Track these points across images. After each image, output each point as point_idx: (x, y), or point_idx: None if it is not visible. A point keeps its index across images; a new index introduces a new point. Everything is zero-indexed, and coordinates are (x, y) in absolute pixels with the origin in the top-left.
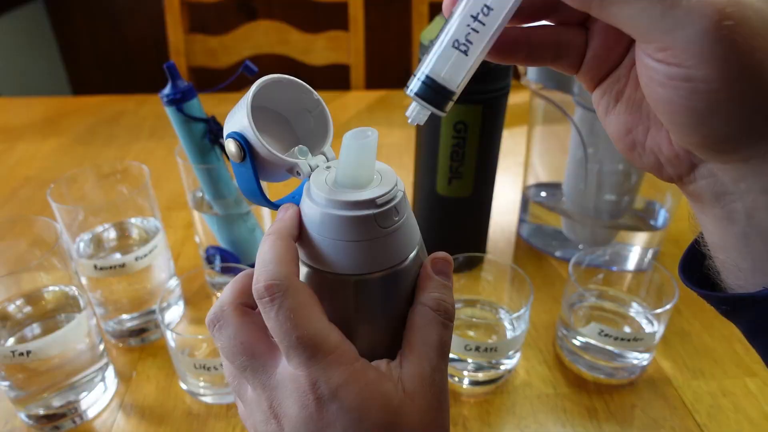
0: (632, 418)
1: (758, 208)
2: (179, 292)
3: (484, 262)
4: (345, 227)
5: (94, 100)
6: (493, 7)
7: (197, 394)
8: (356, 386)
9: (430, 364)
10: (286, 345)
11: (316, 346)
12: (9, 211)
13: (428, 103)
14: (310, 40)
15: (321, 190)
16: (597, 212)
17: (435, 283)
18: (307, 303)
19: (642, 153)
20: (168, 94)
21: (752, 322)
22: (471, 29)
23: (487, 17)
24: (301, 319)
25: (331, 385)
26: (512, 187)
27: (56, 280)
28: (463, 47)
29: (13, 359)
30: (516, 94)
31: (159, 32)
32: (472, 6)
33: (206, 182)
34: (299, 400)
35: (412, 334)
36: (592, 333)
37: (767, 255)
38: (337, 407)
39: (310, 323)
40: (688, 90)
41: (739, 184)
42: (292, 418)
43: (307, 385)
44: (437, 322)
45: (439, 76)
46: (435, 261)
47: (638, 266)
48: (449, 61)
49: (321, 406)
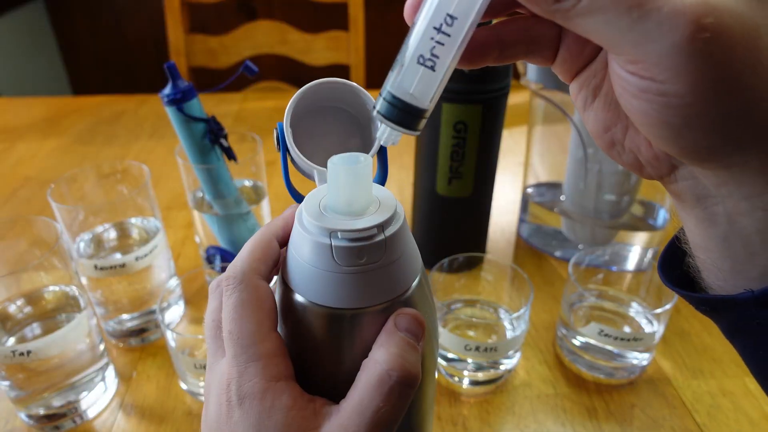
0: (632, 418)
1: (740, 213)
2: (179, 292)
3: (484, 262)
4: (318, 255)
5: (94, 100)
6: (456, 16)
7: (197, 394)
8: (262, 405)
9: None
10: (224, 336)
11: (242, 348)
12: (9, 211)
13: (398, 124)
14: (310, 40)
15: (308, 212)
16: (597, 212)
17: (396, 339)
18: (254, 304)
19: (622, 151)
20: (168, 94)
21: (732, 323)
22: (436, 42)
23: (452, 27)
24: (239, 315)
25: (241, 392)
26: (512, 187)
27: (56, 280)
28: (429, 62)
29: (13, 359)
30: (516, 94)
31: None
32: (433, 17)
33: (206, 182)
34: (216, 396)
35: (353, 391)
36: (592, 333)
37: (747, 259)
38: (237, 418)
39: (246, 323)
40: (662, 104)
41: (721, 189)
42: (210, 411)
43: (224, 383)
44: (384, 387)
45: (407, 94)
46: (401, 316)
47: (638, 266)
48: (416, 78)
49: (228, 411)
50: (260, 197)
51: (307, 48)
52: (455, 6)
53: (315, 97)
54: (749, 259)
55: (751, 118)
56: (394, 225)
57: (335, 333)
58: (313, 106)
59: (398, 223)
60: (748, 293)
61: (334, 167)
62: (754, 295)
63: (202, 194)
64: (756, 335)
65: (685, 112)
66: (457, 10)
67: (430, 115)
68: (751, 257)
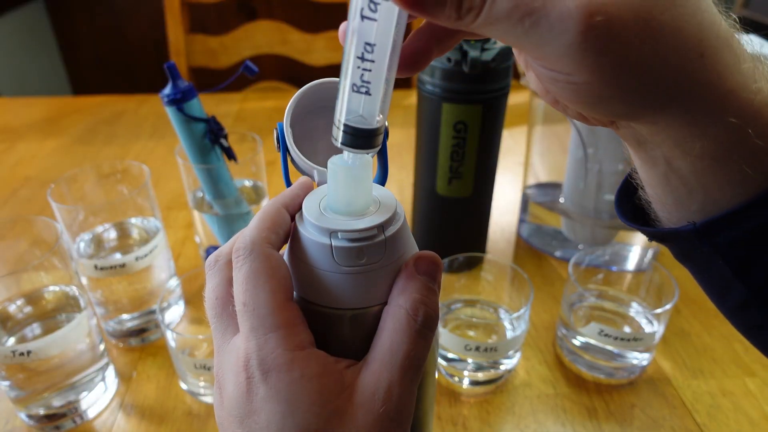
0: (632, 418)
1: (674, 157)
2: (179, 292)
3: (484, 262)
4: (318, 255)
5: (94, 100)
6: (375, 43)
7: (197, 393)
8: (290, 376)
9: (390, 376)
10: (237, 310)
11: (259, 319)
12: (9, 211)
13: (356, 148)
14: (310, 40)
15: (308, 212)
16: (597, 212)
17: (417, 283)
18: (267, 273)
19: (566, 108)
20: (168, 94)
21: (679, 251)
22: (363, 70)
23: (374, 54)
24: (252, 285)
25: (264, 366)
26: (512, 187)
27: (56, 280)
28: (364, 89)
29: (13, 359)
30: (516, 94)
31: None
32: (356, 47)
33: (206, 182)
34: (234, 376)
35: (378, 339)
36: (592, 333)
37: (687, 195)
38: (263, 394)
39: (261, 293)
40: (573, 89)
41: (654, 137)
42: (228, 394)
43: (241, 360)
44: (411, 330)
45: (355, 119)
46: (420, 260)
47: (638, 266)
48: (359, 105)
49: (250, 389)
50: (260, 197)
51: (307, 48)
52: (374, 34)
53: (315, 97)
54: (689, 195)
55: (659, 88)
56: (394, 225)
57: (335, 333)
58: (313, 106)
59: (398, 223)
60: (689, 225)
61: (333, 167)
62: (695, 227)
63: (202, 194)
64: (701, 260)
65: (595, 94)
66: (375, 38)
67: (431, 115)
68: (690, 194)
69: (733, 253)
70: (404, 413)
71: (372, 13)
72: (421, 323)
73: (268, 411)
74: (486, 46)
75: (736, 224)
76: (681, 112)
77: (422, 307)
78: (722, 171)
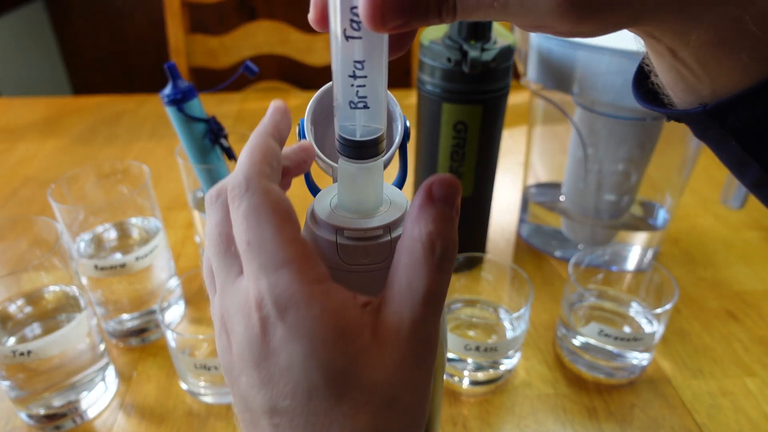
0: (632, 418)
1: (677, 48)
2: (180, 292)
3: (484, 262)
4: (324, 251)
5: (94, 100)
6: (364, 59)
7: (197, 393)
8: (310, 312)
9: (413, 313)
10: (241, 251)
11: (268, 254)
12: (10, 211)
13: (364, 159)
14: (311, 40)
15: (319, 208)
16: (597, 212)
17: (432, 212)
18: (269, 207)
19: None
20: (169, 94)
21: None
22: (357, 87)
23: (364, 70)
24: (255, 221)
25: (279, 304)
26: (512, 187)
27: (57, 280)
28: (361, 104)
29: (13, 359)
30: (516, 94)
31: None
32: (344, 67)
33: (207, 182)
34: (245, 318)
35: (395, 275)
36: (592, 333)
37: (696, 82)
38: (282, 334)
39: (265, 228)
40: (558, 33)
41: (654, 32)
42: (239, 338)
43: (252, 300)
44: (429, 264)
45: (357, 134)
46: (437, 184)
47: (638, 266)
48: (358, 119)
49: (265, 330)
50: None
51: (308, 48)
52: (362, 52)
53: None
54: (698, 82)
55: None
56: (402, 227)
57: None
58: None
59: None
60: (700, 108)
61: (343, 169)
62: (706, 109)
63: (202, 194)
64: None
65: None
66: (364, 54)
67: (431, 115)
68: (699, 81)
69: (745, 134)
70: (430, 351)
71: (355, 31)
72: (439, 257)
73: (289, 351)
74: (486, 46)
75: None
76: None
77: (439, 241)
78: (725, 59)
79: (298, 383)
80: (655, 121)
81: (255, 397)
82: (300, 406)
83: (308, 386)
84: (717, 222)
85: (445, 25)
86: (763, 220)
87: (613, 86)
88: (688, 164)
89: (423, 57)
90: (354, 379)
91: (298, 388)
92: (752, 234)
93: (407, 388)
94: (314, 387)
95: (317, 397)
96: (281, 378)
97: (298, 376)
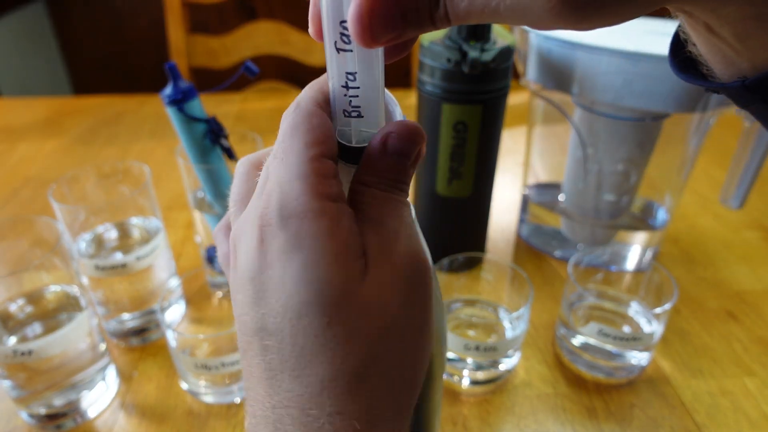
0: (631, 418)
1: (712, 23)
2: (180, 292)
3: (484, 262)
4: None
5: (95, 100)
6: (356, 71)
7: (198, 393)
8: (316, 224)
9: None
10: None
11: (288, 166)
12: (10, 211)
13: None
14: (311, 40)
15: None
16: (596, 212)
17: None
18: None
19: None
20: (169, 94)
21: (737, 103)
22: (350, 97)
23: (356, 81)
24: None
25: (283, 212)
26: (512, 187)
27: (57, 279)
28: (355, 113)
29: (14, 358)
30: (516, 94)
31: (159, 32)
32: (338, 78)
33: (207, 182)
34: (249, 229)
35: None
36: (592, 332)
37: (735, 57)
38: (281, 243)
39: (295, 143)
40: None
41: (684, 7)
42: (241, 252)
43: (259, 209)
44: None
45: (355, 140)
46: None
47: (637, 266)
48: (353, 127)
49: (264, 238)
50: None
51: (308, 49)
52: (353, 64)
53: None
54: (736, 56)
55: None
56: None
57: None
58: None
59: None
60: (738, 81)
61: (343, 168)
62: (744, 83)
63: (202, 194)
64: (758, 111)
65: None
66: (356, 66)
67: (431, 116)
68: (737, 55)
69: None
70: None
71: (346, 45)
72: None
73: (285, 261)
74: (486, 46)
75: None
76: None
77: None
78: (763, 33)
79: (290, 298)
80: (655, 121)
81: (248, 315)
82: (289, 325)
83: (300, 302)
84: (716, 222)
85: None
86: (763, 220)
87: (613, 86)
88: (688, 164)
89: (423, 57)
90: (351, 300)
91: (289, 304)
92: (752, 234)
93: (405, 318)
94: (307, 303)
95: (308, 315)
96: (273, 293)
97: (291, 290)
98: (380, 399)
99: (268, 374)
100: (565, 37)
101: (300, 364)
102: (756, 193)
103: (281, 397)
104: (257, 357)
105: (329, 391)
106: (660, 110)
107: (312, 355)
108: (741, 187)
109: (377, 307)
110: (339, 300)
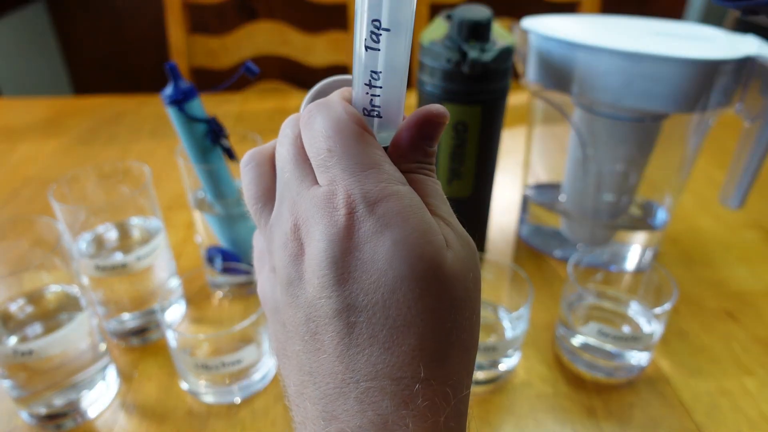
0: (631, 418)
1: None
2: (180, 292)
3: (484, 262)
4: None
5: (95, 100)
6: (381, 70)
7: (198, 393)
8: (400, 202)
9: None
10: (319, 160)
11: (352, 157)
12: (11, 211)
13: None
14: (311, 41)
15: None
16: (596, 212)
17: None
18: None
19: None
20: (170, 94)
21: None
22: (371, 96)
23: (379, 81)
24: (335, 131)
25: (369, 198)
26: (512, 187)
27: (58, 279)
28: (375, 112)
29: (15, 358)
30: (516, 94)
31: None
32: (363, 73)
33: (207, 182)
34: (326, 218)
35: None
36: (591, 332)
37: None
38: (370, 226)
39: (347, 134)
40: None
41: None
42: (316, 240)
43: (340, 198)
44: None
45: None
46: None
47: (637, 266)
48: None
49: (351, 225)
50: None
51: (308, 49)
52: (380, 61)
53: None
54: None
55: None
56: None
57: None
58: None
59: None
60: None
61: None
62: None
63: (203, 194)
64: None
65: None
66: (381, 65)
67: None
68: None
69: None
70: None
71: (375, 43)
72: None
73: (375, 243)
74: (485, 47)
75: None
76: None
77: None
78: None
79: (384, 274)
80: (655, 122)
81: (330, 297)
82: (382, 300)
83: (394, 277)
84: (716, 222)
85: (444, 26)
86: (762, 221)
87: (613, 86)
88: (687, 164)
89: (423, 58)
90: (438, 273)
91: (382, 280)
92: (751, 234)
93: (474, 290)
94: (401, 278)
95: (402, 289)
96: (363, 272)
97: (383, 266)
98: (461, 363)
99: (353, 350)
100: (565, 38)
101: (392, 335)
102: (755, 194)
103: (369, 370)
104: (336, 338)
105: (420, 360)
106: (660, 110)
107: (404, 326)
108: (740, 187)
109: (458, 278)
110: (428, 273)
